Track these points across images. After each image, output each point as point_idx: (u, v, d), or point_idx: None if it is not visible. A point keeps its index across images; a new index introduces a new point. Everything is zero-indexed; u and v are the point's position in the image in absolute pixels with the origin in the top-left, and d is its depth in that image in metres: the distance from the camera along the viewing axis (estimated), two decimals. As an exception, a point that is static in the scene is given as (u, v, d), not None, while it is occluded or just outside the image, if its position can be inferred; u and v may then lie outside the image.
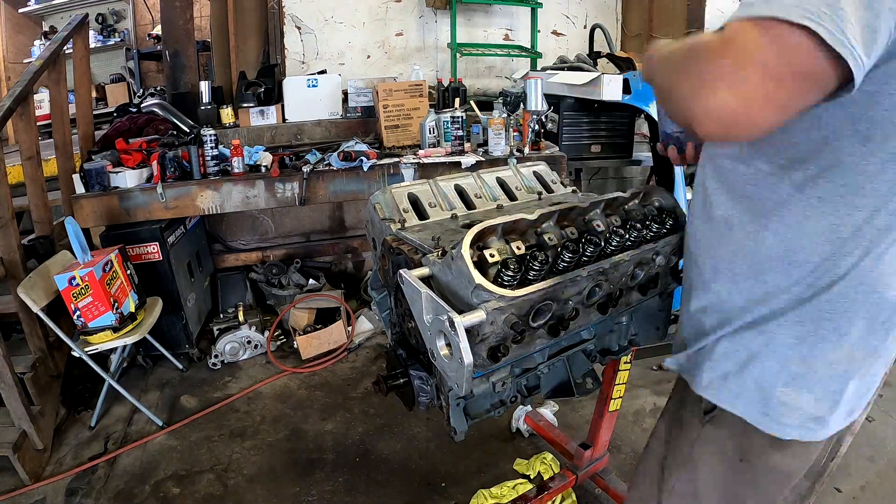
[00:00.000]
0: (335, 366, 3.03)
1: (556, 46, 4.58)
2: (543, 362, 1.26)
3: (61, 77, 2.85)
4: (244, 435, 2.48)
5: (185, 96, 3.48)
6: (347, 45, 4.13)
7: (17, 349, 2.49)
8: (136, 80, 5.36)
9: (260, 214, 3.67)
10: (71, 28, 3.00)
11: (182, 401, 2.74)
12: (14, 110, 2.40)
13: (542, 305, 0.93)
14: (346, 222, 3.87)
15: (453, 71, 4.03)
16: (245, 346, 3.10)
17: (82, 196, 2.66)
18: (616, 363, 1.74)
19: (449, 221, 1.29)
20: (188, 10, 3.55)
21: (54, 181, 2.91)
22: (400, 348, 1.21)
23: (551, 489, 1.87)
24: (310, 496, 2.11)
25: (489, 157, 2.93)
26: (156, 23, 5.17)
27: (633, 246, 1.07)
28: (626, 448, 2.30)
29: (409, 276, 0.95)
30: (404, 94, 3.20)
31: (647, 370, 2.86)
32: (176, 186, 2.74)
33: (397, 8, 4.17)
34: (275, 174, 2.84)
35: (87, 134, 3.12)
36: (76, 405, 2.68)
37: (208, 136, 2.78)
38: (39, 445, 2.28)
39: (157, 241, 2.78)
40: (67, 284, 2.26)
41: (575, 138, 3.36)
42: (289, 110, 3.49)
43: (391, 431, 2.45)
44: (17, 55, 5.42)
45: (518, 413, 2.39)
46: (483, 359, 0.93)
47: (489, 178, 1.45)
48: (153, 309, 2.67)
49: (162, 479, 2.22)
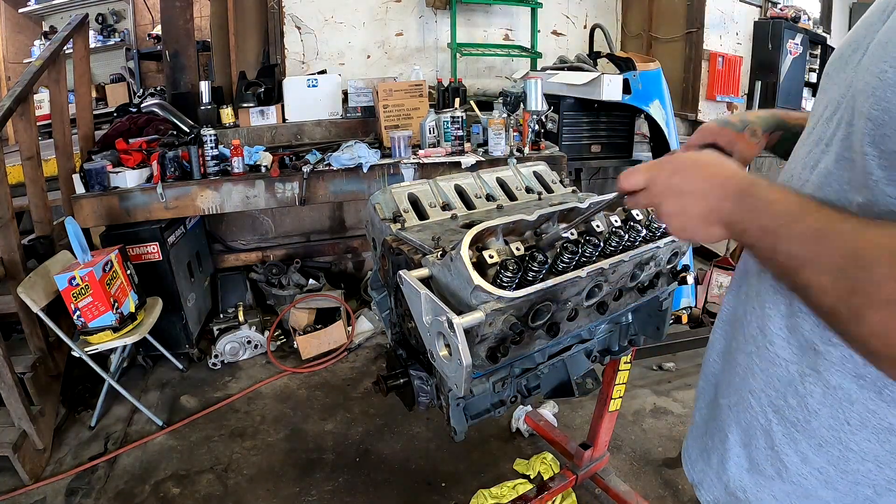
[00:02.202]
0: (335, 366, 3.03)
1: (556, 46, 4.58)
2: (543, 362, 1.26)
3: (61, 77, 2.85)
4: (244, 435, 2.48)
5: (185, 96, 3.48)
6: (347, 45, 4.12)
7: (17, 349, 2.49)
8: (136, 80, 5.36)
9: (260, 214, 3.67)
10: (71, 28, 3.00)
11: (182, 401, 2.74)
12: (14, 110, 2.40)
13: (542, 306, 0.93)
14: (346, 222, 3.88)
15: (453, 71, 4.03)
16: (245, 346, 3.10)
17: (82, 196, 2.66)
18: (616, 363, 1.74)
19: (449, 221, 1.29)
20: (188, 10, 3.55)
21: (54, 181, 2.91)
22: (400, 348, 1.21)
23: (551, 489, 1.87)
24: (310, 496, 2.11)
25: (489, 157, 2.93)
26: (156, 23, 5.17)
27: (633, 246, 1.07)
28: (626, 448, 2.30)
29: (408, 277, 0.95)
30: (404, 94, 3.20)
31: (647, 370, 2.86)
32: (176, 186, 2.74)
33: (397, 8, 4.17)
34: (275, 174, 2.84)
35: (87, 134, 3.12)
36: (76, 405, 2.68)
37: (208, 136, 2.78)
38: (39, 445, 2.28)
39: (157, 241, 2.78)
40: (67, 284, 2.26)
41: (575, 138, 3.37)
42: (289, 110, 3.49)
43: (391, 431, 2.45)
44: (17, 55, 5.42)
45: (518, 413, 2.39)
46: (482, 359, 0.93)
47: (489, 179, 1.45)
48: (153, 309, 2.67)
49: (162, 479, 2.22)
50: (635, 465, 2.21)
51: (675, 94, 3.75)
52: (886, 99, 0.50)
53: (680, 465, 2.18)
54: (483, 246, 0.94)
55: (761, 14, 4.58)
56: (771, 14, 4.52)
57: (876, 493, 0.59)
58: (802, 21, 4.49)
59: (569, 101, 3.28)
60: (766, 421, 0.67)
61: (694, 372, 2.84)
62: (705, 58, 4.19)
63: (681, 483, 2.11)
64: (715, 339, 0.80)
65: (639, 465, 2.21)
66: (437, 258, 0.96)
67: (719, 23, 4.27)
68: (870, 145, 0.52)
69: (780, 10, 4.53)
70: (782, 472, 0.66)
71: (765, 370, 0.67)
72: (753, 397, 0.69)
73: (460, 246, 0.87)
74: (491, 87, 4.46)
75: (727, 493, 0.74)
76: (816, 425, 0.62)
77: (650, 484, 2.11)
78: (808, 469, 0.63)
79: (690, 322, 3.18)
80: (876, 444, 0.58)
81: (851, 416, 0.58)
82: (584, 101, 3.23)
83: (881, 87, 0.51)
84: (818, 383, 0.60)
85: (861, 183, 0.54)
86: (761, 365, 0.67)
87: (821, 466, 0.62)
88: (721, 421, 0.75)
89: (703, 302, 3.28)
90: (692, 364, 2.89)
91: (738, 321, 0.74)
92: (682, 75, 4.36)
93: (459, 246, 0.88)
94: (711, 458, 0.77)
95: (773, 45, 4.37)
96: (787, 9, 4.52)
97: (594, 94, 2.96)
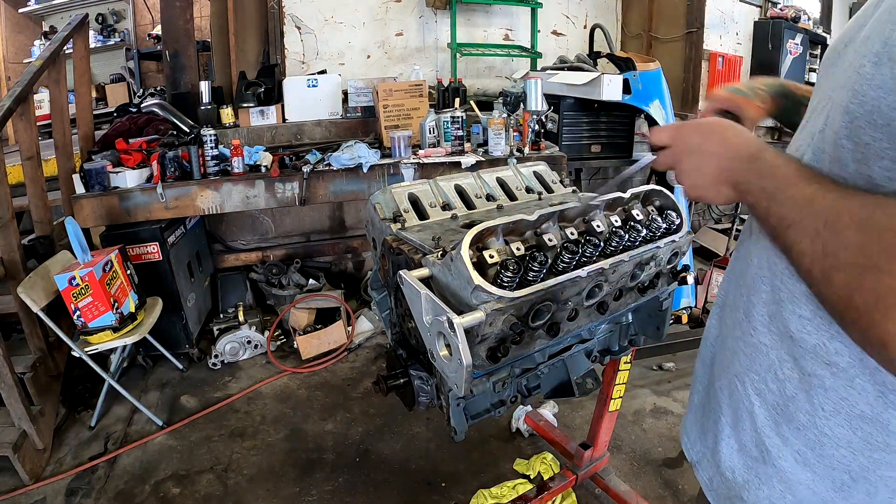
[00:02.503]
0: (335, 366, 3.03)
1: (556, 46, 4.58)
2: (543, 362, 1.26)
3: (61, 77, 2.85)
4: (244, 435, 2.48)
5: (185, 96, 3.48)
6: (347, 45, 4.12)
7: (17, 349, 2.49)
8: (136, 80, 5.36)
9: (260, 214, 3.67)
10: (71, 28, 3.00)
11: (182, 401, 2.74)
12: (14, 110, 2.40)
13: (542, 306, 0.93)
14: (346, 222, 3.88)
15: (453, 71, 4.03)
16: (245, 346, 3.10)
17: (82, 196, 2.66)
18: (616, 363, 1.74)
19: (449, 221, 1.29)
20: (188, 10, 3.55)
21: (54, 181, 2.91)
22: (400, 348, 1.21)
23: (551, 489, 1.87)
24: (310, 496, 2.11)
25: (489, 157, 2.93)
26: (156, 23, 5.17)
27: (633, 246, 1.07)
28: (626, 448, 2.30)
29: (408, 276, 0.95)
30: (404, 94, 3.20)
31: (647, 370, 2.86)
32: (176, 186, 2.74)
33: (397, 8, 4.17)
34: (275, 174, 2.84)
35: (87, 134, 3.12)
36: (76, 405, 2.68)
37: (208, 136, 2.78)
38: (39, 445, 2.28)
39: (157, 241, 2.78)
40: (67, 284, 2.26)
41: (575, 138, 3.37)
42: (289, 110, 3.49)
43: (391, 431, 2.45)
44: (17, 55, 5.42)
45: (518, 413, 2.39)
46: (482, 359, 0.93)
47: (489, 179, 1.45)
48: (153, 309, 2.67)
49: (162, 479, 2.22)
50: (635, 465, 2.21)
51: (675, 94, 3.75)
52: (862, 92, 0.52)
53: (680, 465, 2.18)
54: (483, 246, 0.94)
55: (761, 14, 4.58)
56: (771, 14, 4.53)
57: (852, 478, 0.61)
58: (802, 21, 4.50)
59: (569, 101, 3.28)
60: (750, 404, 0.70)
61: (694, 372, 2.84)
62: (705, 58, 4.19)
63: (681, 483, 2.11)
64: (710, 323, 0.83)
65: (639, 465, 2.21)
66: (437, 258, 0.96)
67: (719, 23, 4.27)
68: (846, 138, 0.55)
69: (780, 10, 4.54)
70: (765, 454, 0.69)
71: (749, 355, 0.70)
72: (739, 380, 0.72)
73: (460, 246, 0.87)
74: (491, 87, 4.46)
75: (719, 473, 0.77)
76: (794, 409, 0.64)
77: (650, 484, 2.11)
78: (788, 451, 0.66)
79: (690, 322, 3.18)
80: (849, 430, 0.60)
81: (826, 402, 0.61)
82: (584, 101, 3.23)
83: (858, 80, 0.53)
84: (795, 370, 0.63)
85: (837, 175, 0.56)
86: (746, 350, 0.70)
87: (799, 449, 0.64)
88: (716, 403, 0.78)
89: (703, 302, 3.28)
90: (692, 364, 2.87)
91: (728, 306, 0.77)
92: (682, 75, 4.36)
93: (460, 246, 0.88)
94: (707, 438, 0.80)
95: (773, 45, 4.37)
96: (787, 9, 4.52)
97: (594, 94, 2.96)
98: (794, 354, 0.63)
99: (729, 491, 0.75)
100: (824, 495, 0.64)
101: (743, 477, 0.72)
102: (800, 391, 0.63)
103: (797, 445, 0.65)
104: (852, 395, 0.59)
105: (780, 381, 0.66)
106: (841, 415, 0.60)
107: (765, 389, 0.68)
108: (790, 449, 0.66)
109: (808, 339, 0.61)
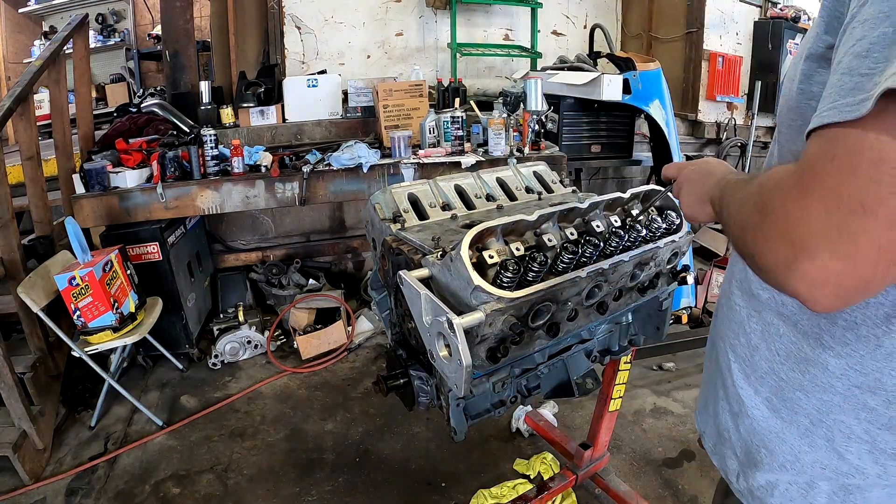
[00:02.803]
0: (335, 366, 3.03)
1: (556, 46, 4.58)
2: (543, 363, 1.26)
3: (61, 77, 2.85)
4: (244, 435, 2.48)
5: (185, 96, 3.48)
6: (347, 45, 4.12)
7: (17, 349, 2.49)
8: (136, 80, 5.36)
9: (260, 214, 3.67)
10: (71, 28, 3.00)
11: (182, 401, 2.74)
12: (14, 110, 2.40)
13: (542, 306, 0.93)
14: (346, 222, 3.87)
15: (453, 71, 4.03)
16: (245, 346, 3.10)
17: (82, 196, 2.66)
18: (616, 363, 1.74)
19: (449, 222, 1.29)
20: (188, 10, 3.55)
21: (54, 181, 2.91)
22: (400, 348, 1.21)
23: (551, 489, 1.87)
24: (310, 496, 2.11)
25: (489, 157, 2.93)
26: (156, 23, 5.17)
27: (633, 246, 1.07)
28: (626, 448, 2.30)
29: (408, 277, 0.95)
30: (404, 94, 3.20)
31: (647, 370, 2.86)
32: (176, 186, 2.74)
33: (397, 8, 4.17)
34: (275, 174, 2.84)
35: (87, 134, 3.12)
36: (76, 405, 2.68)
37: (208, 136, 2.78)
38: (39, 445, 2.28)
39: (157, 241, 2.78)
40: (67, 284, 2.26)
41: (575, 138, 3.37)
42: (289, 110, 3.49)
43: (391, 431, 2.45)
44: (17, 55, 5.42)
45: (518, 413, 2.39)
46: (482, 360, 0.93)
47: (489, 179, 1.45)
48: (153, 309, 2.67)
49: (162, 479, 2.22)
50: (635, 465, 2.21)
51: (675, 94, 3.75)
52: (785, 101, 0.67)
53: (680, 465, 2.19)
54: (483, 246, 0.94)
55: (761, 14, 4.58)
56: (771, 14, 4.52)
57: (812, 423, 0.69)
58: (802, 21, 4.49)
59: (569, 101, 3.28)
60: (728, 360, 0.80)
61: (694, 372, 2.84)
62: (705, 58, 4.19)
63: (681, 483, 2.11)
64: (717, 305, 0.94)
65: (639, 465, 2.21)
66: (437, 258, 0.96)
67: (719, 23, 4.27)
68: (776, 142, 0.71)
69: (780, 10, 4.53)
70: (741, 405, 0.77)
71: (727, 316, 0.82)
72: (722, 341, 0.83)
73: (460, 246, 0.87)
74: (491, 87, 4.46)
75: (717, 435, 0.84)
76: (758, 358, 0.74)
77: (650, 484, 2.11)
78: (759, 400, 0.74)
79: (690, 322, 3.18)
80: (799, 373, 0.69)
81: (780, 348, 0.71)
82: (584, 101, 3.23)
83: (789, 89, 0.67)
84: (759, 322, 0.74)
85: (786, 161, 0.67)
86: (728, 314, 0.81)
87: (767, 396, 0.73)
88: (713, 371, 0.87)
89: (703, 302, 3.28)
90: (692, 364, 2.89)
91: (722, 288, 0.89)
92: (682, 75, 4.36)
93: (459, 246, 0.88)
94: (709, 406, 0.88)
95: (773, 45, 4.37)
96: (787, 9, 4.52)
97: (594, 94, 2.96)
98: (758, 308, 0.75)
99: (724, 451, 0.83)
100: (793, 443, 0.70)
101: (733, 433, 0.80)
102: (762, 340, 0.74)
103: (765, 393, 0.73)
104: (798, 339, 0.68)
105: (747, 334, 0.76)
106: (791, 359, 0.69)
107: (737, 344, 0.78)
108: (761, 398, 0.74)
109: (763, 294, 0.73)
